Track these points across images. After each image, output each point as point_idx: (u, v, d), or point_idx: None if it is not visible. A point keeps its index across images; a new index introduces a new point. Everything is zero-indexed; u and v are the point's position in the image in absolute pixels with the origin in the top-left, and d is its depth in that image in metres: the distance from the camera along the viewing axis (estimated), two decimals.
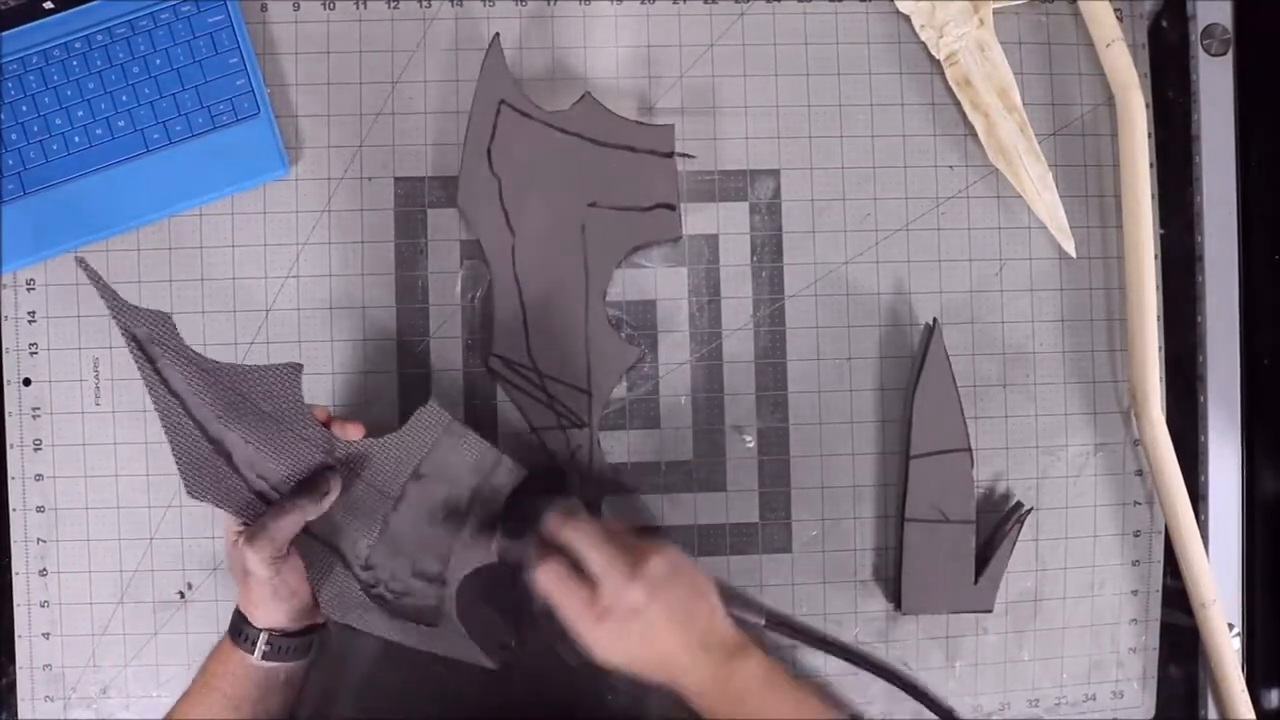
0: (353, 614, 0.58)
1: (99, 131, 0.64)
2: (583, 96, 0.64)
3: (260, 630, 0.56)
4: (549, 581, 0.53)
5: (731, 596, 0.61)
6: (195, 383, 0.54)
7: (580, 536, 0.54)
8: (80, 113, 0.64)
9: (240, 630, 0.57)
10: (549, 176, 0.64)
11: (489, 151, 0.64)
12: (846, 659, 0.67)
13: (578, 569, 0.54)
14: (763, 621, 0.65)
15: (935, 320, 0.66)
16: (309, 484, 0.56)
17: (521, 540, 0.57)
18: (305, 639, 0.58)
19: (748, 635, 0.56)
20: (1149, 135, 0.68)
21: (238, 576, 0.56)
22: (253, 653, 0.56)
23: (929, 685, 0.68)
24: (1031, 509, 0.68)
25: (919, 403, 0.65)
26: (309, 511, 0.55)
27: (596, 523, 0.56)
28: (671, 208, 0.65)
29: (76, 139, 0.64)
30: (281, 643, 0.57)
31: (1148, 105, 0.69)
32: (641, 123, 0.65)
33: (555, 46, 0.67)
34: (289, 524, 0.54)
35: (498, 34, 0.64)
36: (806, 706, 0.55)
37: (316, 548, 0.58)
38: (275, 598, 0.55)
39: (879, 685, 0.67)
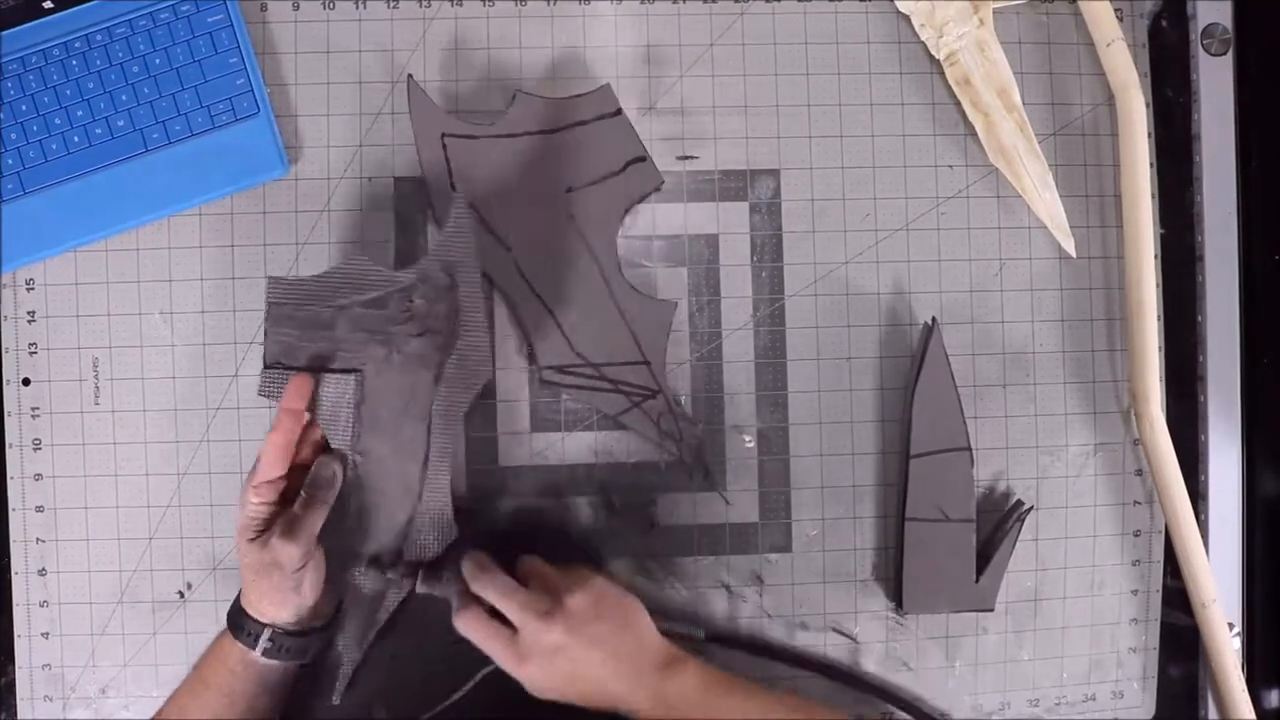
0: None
1: (99, 131, 0.64)
2: (514, 96, 0.65)
3: (265, 626, 0.56)
4: (469, 628, 0.55)
5: (666, 615, 0.62)
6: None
7: (491, 587, 0.56)
8: (80, 112, 0.64)
9: (242, 625, 0.57)
10: (518, 182, 0.65)
11: (453, 186, 0.64)
12: (797, 666, 0.66)
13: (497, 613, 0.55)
14: (702, 635, 0.65)
15: (934, 320, 0.66)
16: (319, 476, 0.57)
17: (442, 582, 0.59)
18: (305, 640, 0.58)
19: (683, 649, 0.57)
20: (1149, 135, 0.69)
21: (254, 570, 0.56)
22: (254, 648, 0.56)
23: (920, 687, 0.68)
24: (1032, 507, 0.68)
25: (919, 402, 0.65)
26: (330, 500, 0.56)
27: (503, 575, 0.57)
28: (643, 159, 0.65)
29: (76, 139, 0.64)
30: (284, 641, 0.57)
31: (1148, 105, 0.69)
32: (578, 95, 0.65)
33: (555, 46, 0.67)
34: (318, 516, 0.55)
35: (410, 75, 0.64)
36: (751, 704, 0.56)
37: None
38: (295, 592, 0.56)
39: (910, 681, 0.68)
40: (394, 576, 0.59)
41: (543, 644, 0.54)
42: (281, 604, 0.56)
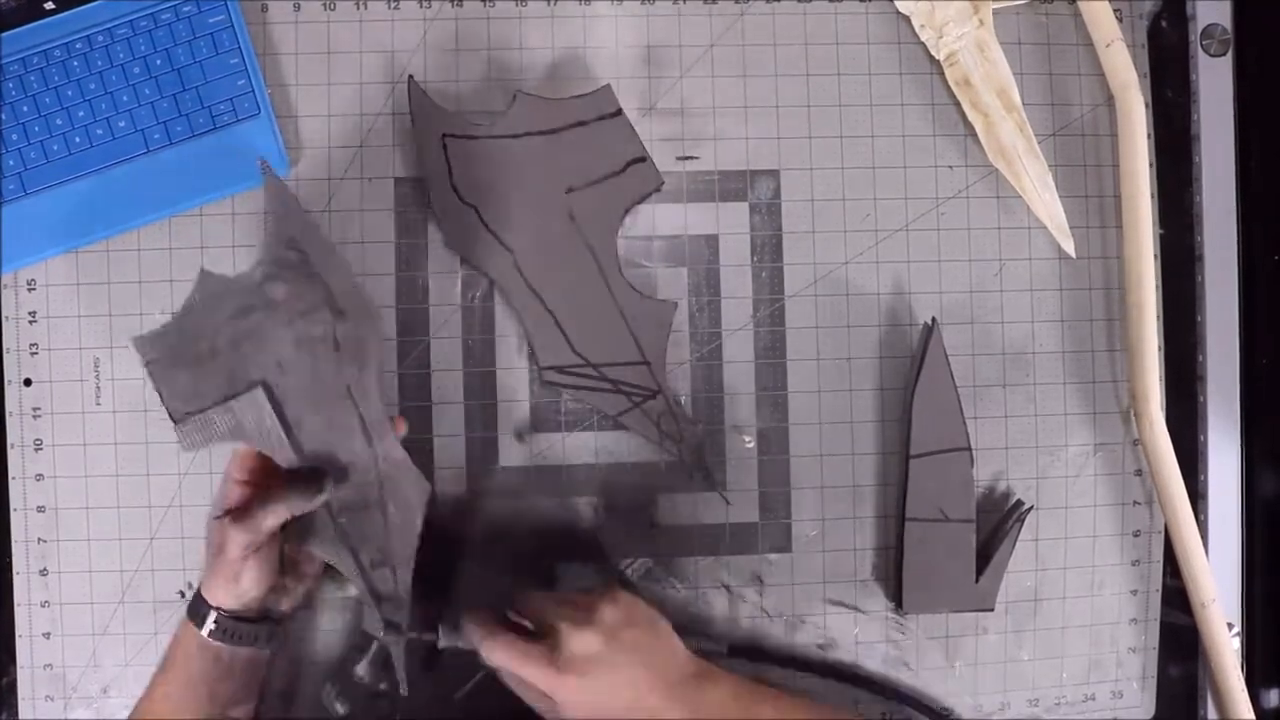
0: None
1: (99, 131, 0.64)
2: (515, 96, 0.65)
3: (212, 608, 0.56)
4: (503, 651, 0.54)
5: (690, 631, 0.61)
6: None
7: (530, 599, 0.56)
8: (81, 113, 0.64)
9: (195, 604, 0.57)
10: (519, 183, 0.65)
11: (454, 187, 0.64)
12: (818, 674, 0.66)
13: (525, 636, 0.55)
14: (724, 650, 0.65)
15: (934, 320, 0.66)
16: (301, 480, 0.56)
17: (459, 629, 0.58)
18: (254, 627, 0.58)
19: (711, 662, 0.57)
20: (1149, 135, 0.69)
21: (210, 548, 0.56)
22: (200, 628, 0.56)
23: (921, 687, 0.68)
24: (1031, 507, 0.68)
25: (918, 402, 0.66)
26: (295, 508, 0.55)
27: (538, 593, 0.57)
28: (643, 159, 0.65)
29: (77, 139, 0.64)
30: (229, 625, 0.57)
31: (1148, 105, 0.69)
32: (578, 95, 0.65)
33: (555, 46, 0.67)
34: (274, 513, 0.54)
35: (411, 75, 0.64)
36: (782, 713, 0.56)
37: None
38: (234, 581, 0.56)
39: (911, 681, 0.68)
40: (413, 635, 0.58)
41: (581, 654, 0.53)
42: (223, 589, 0.56)
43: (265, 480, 0.57)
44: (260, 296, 0.56)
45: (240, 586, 0.56)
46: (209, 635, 0.56)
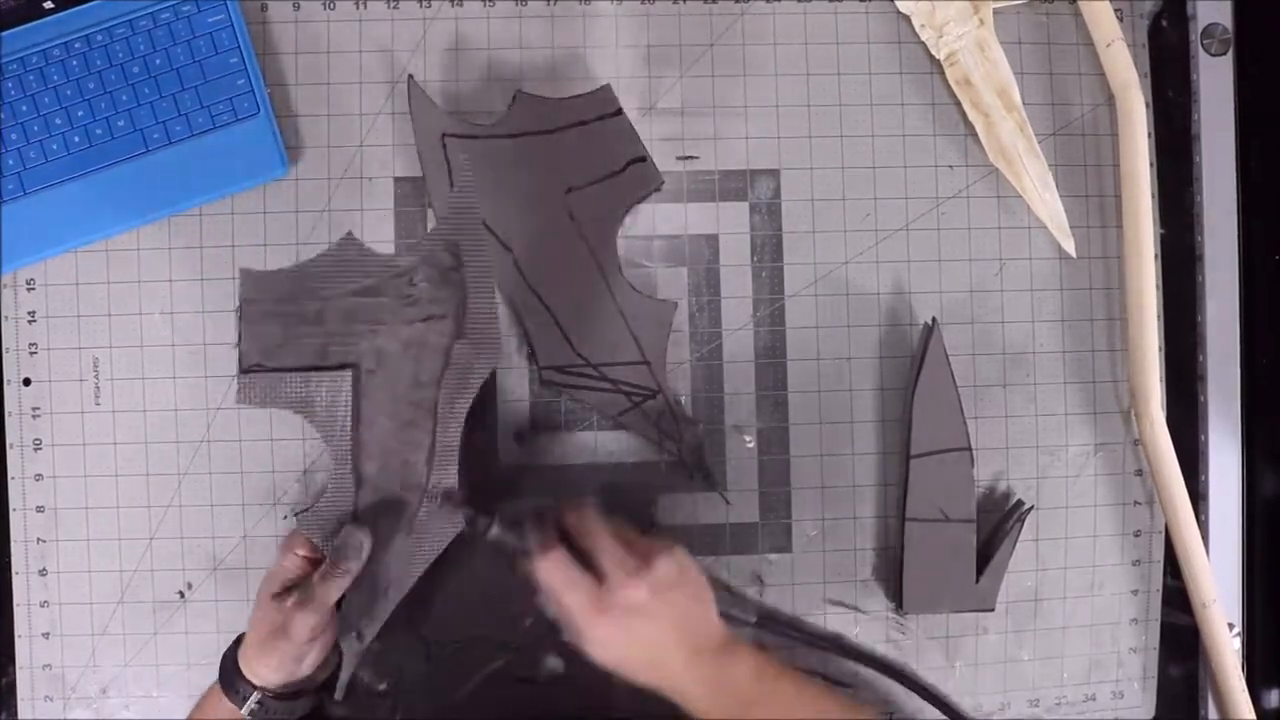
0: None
1: (99, 131, 0.64)
2: (515, 96, 0.64)
3: (255, 688, 0.55)
4: (553, 571, 0.53)
5: (725, 595, 0.61)
6: None
7: (593, 530, 0.54)
8: (80, 112, 0.64)
9: (233, 682, 0.56)
10: (518, 183, 0.65)
11: (453, 186, 0.64)
12: (842, 654, 0.67)
13: (580, 563, 0.54)
14: (753, 620, 0.65)
15: (934, 320, 0.66)
16: (345, 546, 0.55)
17: (518, 529, 0.55)
18: (293, 703, 0.57)
19: (737, 633, 0.56)
20: (1149, 135, 0.69)
21: (263, 629, 0.55)
22: (241, 708, 0.55)
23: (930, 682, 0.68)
24: (1032, 507, 0.68)
25: (919, 402, 0.65)
26: (354, 571, 0.54)
27: (607, 521, 0.56)
28: (643, 159, 0.65)
29: (76, 139, 0.64)
30: (272, 705, 0.56)
31: (1148, 105, 0.69)
32: (578, 95, 0.65)
33: (555, 46, 0.67)
34: (337, 588, 0.54)
35: (411, 75, 0.64)
36: (803, 694, 0.55)
37: None
38: (296, 663, 0.55)
39: (881, 687, 0.68)
40: (468, 515, 0.55)
41: (626, 600, 0.52)
42: (278, 669, 0.55)
43: (317, 553, 0.56)
44: (395, 283, 0.54)
45: (301, 668, 0.55)
46: (249, 715, 0.55)
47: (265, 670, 0.55)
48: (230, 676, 0.56)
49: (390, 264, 0.55)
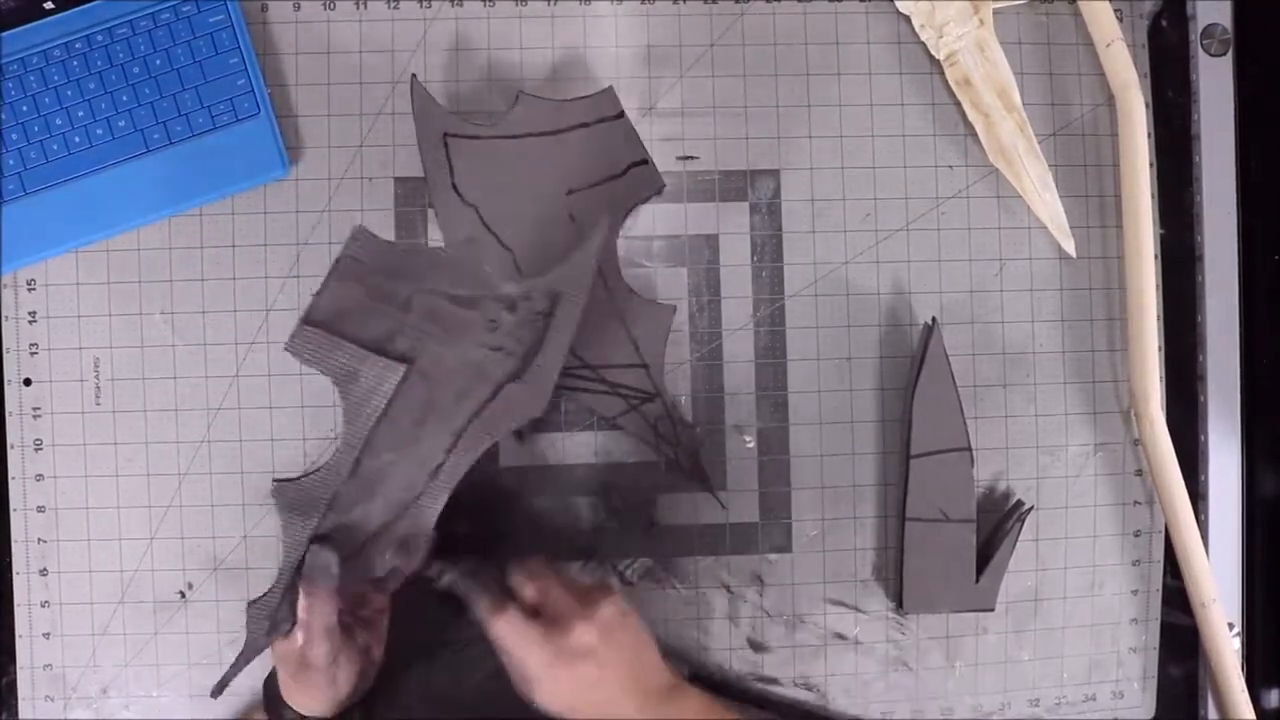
0: None
1: (99, 131, 0.64)
2: (517, 97, 0.64)
3: (305, 718, 0.55)
4: (507, 629, 0.54)
5: (660, 648, 0.61)
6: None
7: (541, 579, 0.56)
8: (80, 113, 0.64)
9: (281, 715, 0.56)
10: (519, 184, 0.65)
11: (454, 186, 0.64)
12: (778, 712, 0.67)
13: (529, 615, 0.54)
14: (685, 672, 0.63)
15: (934, 319, 0.66)
16: (312, 568, 0.53)
17: (471, 580, 0.55)
18: None
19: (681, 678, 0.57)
20: (1149, 135, 0.69)
21: (287, 666, 0.55)
22: None
23: (922, 688, 0.68)
24: (1032, 507, 0.68)
25: (919, 402, 0.65)
26: (332, 585, 0.53)
27: (552, 569, 0.57)
28: (644, 162, 0.65)
29: (77, 139, 0.64)
30: None
31: (1148, 105, 0.69)
32: (581, 97, 0.65)
33: (555, 46, 0.67)
34: (325, 606, 0.52)
35: (414, 75, 0.64)
36: None
37: None
38: (331, 687, 0.54)
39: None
40: (417, 564, 0.54)
41: (577, 645, 0.53)
42: (318, 698, 0.55)
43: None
44: (489, 304, 0.53)
45: (338, 689, 0.55)
46: None
47: (309, 702, 0.55)
48: (276, 708, 0.56)
49: (494, 285, 0.54)
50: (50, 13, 0.63)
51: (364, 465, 0.54)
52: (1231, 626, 0.69)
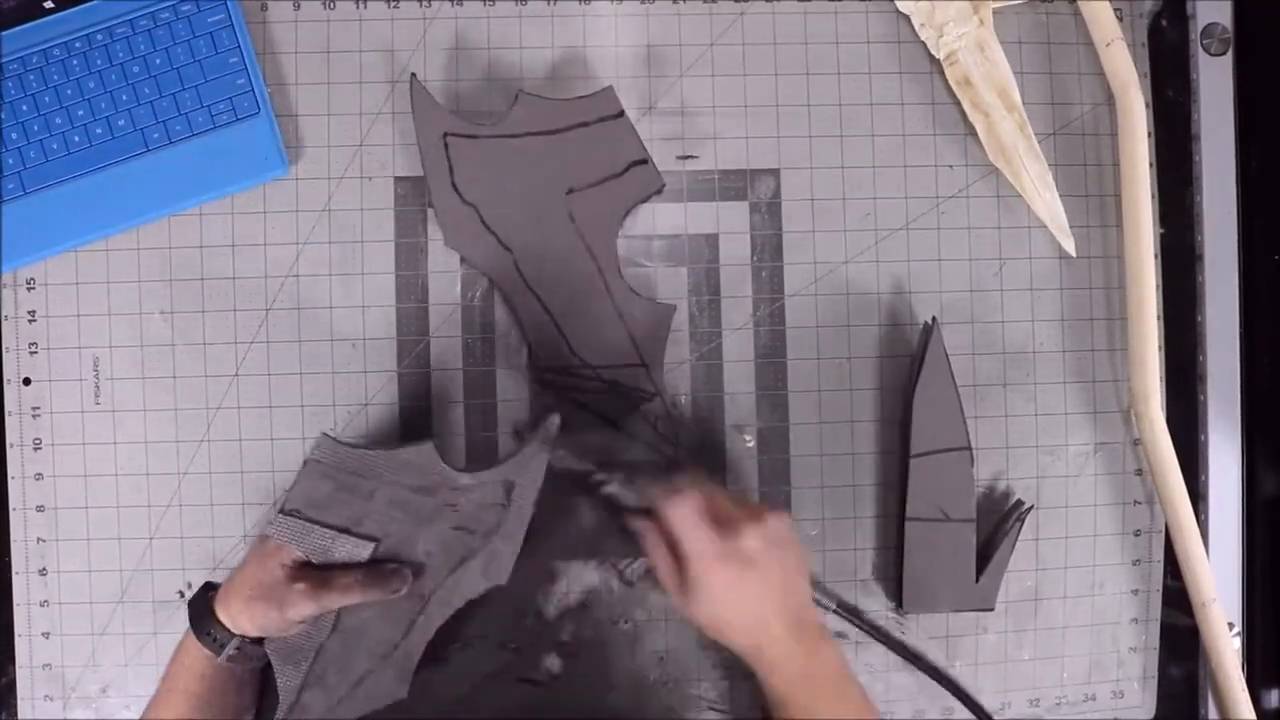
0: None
1: (99, 131, 0.64)
2: (517, 96, 0.64)
3: (235, 636, 0.55)
4: (685, 514, 0.53)
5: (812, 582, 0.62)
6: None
7: (707, 490, 0.56)
8: (80, 112, 0.64)
9: (208, 629, 0.56)
10: (519, 183, 0.65)
11: (454, 186, 0.64)
12: (905, 657, 0.67)
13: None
14: (833, 607, 0.66)
15: (934, 319, 0.66)
16: (379, 572, 0.56)
17: (632, 486, 0.59)
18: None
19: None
20: (1149, 135, 0.69)
21: (257, 587, 0.55)
22: (219, 655, 0.55)
23: (920, 687, 0.68)
24: (1032, 507, 0.68)
25: (919, 402, 0.65)
26: (372, 596, 0.55)
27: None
28: (644, 162, 0.65)
29: (76, 138, 0.64)
30: (250, 649, 0.56)
31: (1148, 105, 0.69)
32: (581, 96, 0.65)
33: (555, 46, 0.67)
34: (351, 597, 0.55)
35: (414, 74, 0.64)
36: (866, 706, 0.56)
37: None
38: (281, 629, 0.55)
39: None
40: (588, 469, 0.61)
41: (745, 549, 0.53)
42: (262, 628, 0.55)
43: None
44: (447, 492, 0.58)
45: (285, 630, 0.56)
46: (228, 660, 0.56)
47: (248, 625, 0.55)
48: (204, 622, 0.56)
49: (451, 478, 0.59)
50: (50, 12, 0.63)
51: (344, 622, 0.58)
52: (1231, 626, 0.69)
